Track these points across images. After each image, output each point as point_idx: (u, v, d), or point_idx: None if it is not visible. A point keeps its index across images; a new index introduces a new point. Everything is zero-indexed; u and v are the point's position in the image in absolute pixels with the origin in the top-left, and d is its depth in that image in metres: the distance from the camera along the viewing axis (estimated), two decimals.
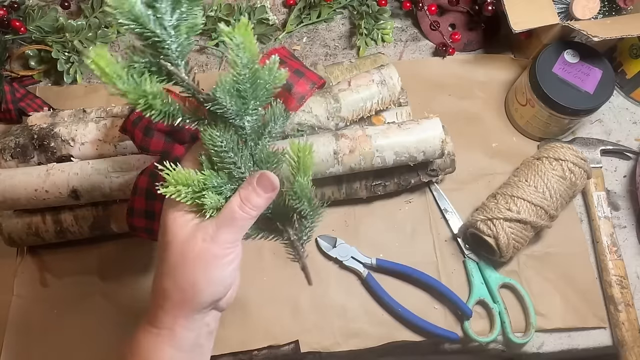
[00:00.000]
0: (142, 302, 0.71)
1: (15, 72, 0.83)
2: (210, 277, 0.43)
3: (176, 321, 0.43)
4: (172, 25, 0.39)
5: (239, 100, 0.42)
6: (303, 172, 0.46)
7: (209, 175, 0.43)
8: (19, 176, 0.64)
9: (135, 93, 0.38)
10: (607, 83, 0.76)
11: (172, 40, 0.39)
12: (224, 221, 0.42)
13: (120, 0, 0.35)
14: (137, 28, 0.37)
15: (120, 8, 0.35)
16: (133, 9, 0.36)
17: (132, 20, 0.37)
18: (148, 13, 0.37)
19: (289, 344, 0.70)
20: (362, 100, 0.71)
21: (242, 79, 0.41)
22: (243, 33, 0.39)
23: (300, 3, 0.89)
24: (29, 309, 0.71)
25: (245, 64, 0.40)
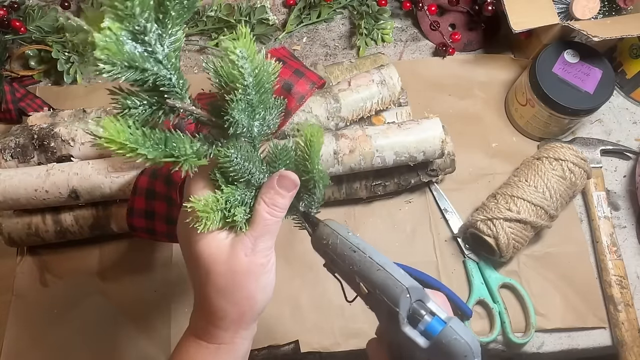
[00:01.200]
0: (142, 302, 0.71)
1: (15, 72, 0.83)
2: (262, 285, 0.44)
3: (236, 334, 0.45)
4: (165, 55, 0.37)
5: (249, 111, 0.42)
6: (316, 156, 0.45)
7: (232, 191, 0.43)
8: (19, 176, 0.64)
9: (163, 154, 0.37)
10: (607, 83, 0.76)
11: (171, 74, 0.37)
12: (258, 230, 0.43)
13: (106, 44, 0.32)
14: (135, 74, 0.35)
15: (110, 52, 0.32)
16: (123, 50, 0.33)
17: (127, 66, 0.34)
18: (140, 51, 0.35)
19: (289, 344, 0.70)
20: (362, 100, 0.71)
21: (250, 90, 0.40)
22: (246, 44, 0.39)
23: (300, 3, 0.89)
24: (29, 309, 0.71)
25: (250, 73, 0.40)
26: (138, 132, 0.36)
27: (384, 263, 0.43)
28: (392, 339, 0.46)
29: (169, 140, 0.38)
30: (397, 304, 0.41)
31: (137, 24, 0.34)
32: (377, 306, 0.44)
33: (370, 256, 0.44)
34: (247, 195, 0.44)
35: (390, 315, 0.42)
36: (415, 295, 0.42)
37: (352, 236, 0.46)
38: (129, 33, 0.34)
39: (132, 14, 0.33)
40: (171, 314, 0.71)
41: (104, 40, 0.32)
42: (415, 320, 0.42)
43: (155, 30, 0.36)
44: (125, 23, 0.34)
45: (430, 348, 0.40)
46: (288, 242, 0.75)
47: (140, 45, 0.35)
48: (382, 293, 0.42)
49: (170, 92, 0.38)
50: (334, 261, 0.47)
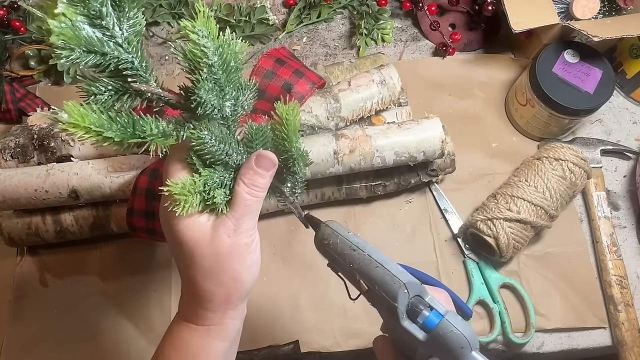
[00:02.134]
0: (142, 302, 0.71)
1: (15, 72, 0.83)
2: (247, 265, 0.44)
3: (225, 315, 0.45)
4: (125, 38, 0.36)
5: (218, 91, 0.42)
6: (294, 134, 0.45)
7: (209, 174, 0.43)
8: (19, 176, 0.64)
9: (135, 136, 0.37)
10: (607, 83, 0.76)
11: (132, 57, 0.37)
12: (239, 211, 0.43)
13: (61, 30, 0.32)
14: (94, 58, 0.35)
15: (66, 37, 0.32)
16: (80, 35, 0.33)
17: (85, 51, 0.34)
18: (98, 35, 0.35)
19: (289, 344, 0.70)
20: (362, 100, 0.71)
21: (216, 69, 0.40)
22: (204, 23, 0.38)
23: (300, 3, 0.89)
24: (29, 309, 0.71)
25: (213, 52, 0.39)
26: (103, 116, 0.36)
27: (382, 260, 0.45)
28: (394, 334, 0.47)
29: (136, 123, 0.38)
30: (395, 299, 0.43)
31: (92, 8, 0.34)
32: (377, 302, 0.45)
33: (369, 254, 0.45)
34: (226, 177, 0.44)
35: (390, 311, 0.44)
36: (413, 290, 0.44)
37: (352, 235, 0.47)
38: (85, 18, 0.34)
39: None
40: (171, 314, 0.71)
41: (59, 26, 0.32)
42: (414, 315, 0.43)
43: (111, 14, 0.35)
44: (80, 8, 0.33)
45: (429, 341, 0.42)
46: (287, 242, 0.75)
47: (98, 30, 0.35)
48: (381, 289, 0.44)
49: (134, 76, 0.38)
50: (335, 260, 0.48)
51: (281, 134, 0.45)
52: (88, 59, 0.34)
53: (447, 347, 0.41)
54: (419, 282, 0.44)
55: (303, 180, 0.49)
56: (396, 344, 0.48)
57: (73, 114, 0.34)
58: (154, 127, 0.39)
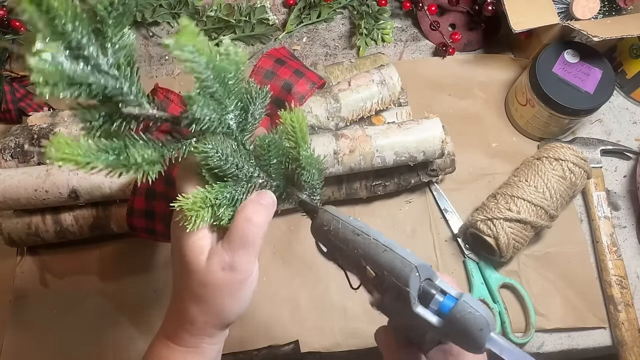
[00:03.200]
0: (142, 302, 0.71)
1: (15, 72, 0.83)
2: (237, 300, 0.43)
3: (203, 340, 0.44)
4: (111, 64, 0.35)
5: (216, 105, 0.40)
6: (303, 141, 0.43)
7: (220, 188, 0.42)
8: (19, 176, 0.64)
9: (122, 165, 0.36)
10: (607, 83, 0.76)
11: (120, 82, 0.35)
12: (236, 242, 0.41)
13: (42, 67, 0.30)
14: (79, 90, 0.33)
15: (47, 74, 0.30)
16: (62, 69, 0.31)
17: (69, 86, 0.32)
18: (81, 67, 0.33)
19: (289, 344, 0.70)
20: (362, 100, 0.71)
21: (209, 83, 0.38)
22: (190, 38, 0.35)
23: (300, 3, 0.89)
24: (29, 309, 0.71)
25: (205, 66, 0.37)
26: (92, 146, 0.35)
27: (390, 244, 0.42)
28: (402, 322, 0.45)
29: (127, 148, 0.37)
30: (407, 283, 0.40)
31: (71, 41, 0.32)
32: (385, 289, 0.43)
33: (375, 238, 0.43)
34: (238, 191, 0.43)
35: (400, 296, 0.41)
36: (424, 273, 0.41)
37: (353, 220, 0.44)
38: (64, 50, 0.32)
39: (63, 31, 0.31)
40: None
41: (39, 63, 0.30)
42: (426, 299, 0.41)
43: (93, 42, 0.34)
44: (59, 42, 0.32)
45: (444, 326, 0.39)
46: (287, 242, 0.75)
47: (81, 61, 0.33)
48: (391, 274, 0.41)
49: (124, 101, 0.36)
50: (336, 247, 0.45)
51: (291, 143, 0.44)
52: (73, 92, 0.33)
53: (465, 331, 0.38)
54: (428, 264, 0.42)
55: (320, 186, 0.48)
56: (401, 331, 0.46)
57: (60, 150, 0.33)
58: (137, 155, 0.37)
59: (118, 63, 0.35)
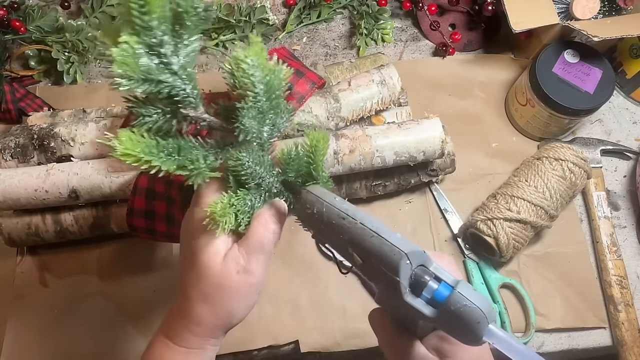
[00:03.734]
0: (142, 302, 0.71)
1: (15, 72, 0.83)
2: (246, 303, 0.45)
3: (207, 342, 0.45)
4: (181, 66, 0.36)
5: (260, 118, 0.42)
6: (321, 162, 0.45)
7: (243, 195, 0.43)
8: (19, 176, 0.64)
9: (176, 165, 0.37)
10: (607, 83, 0.76)
11: (185, 84, 0.37)
12: (252, 246, 0.43)
13: (124, 58, 0.32)
14: (150, 86, 0.35)
15: (128, 66, 0.32)
16: (139, 64, 0.33)
17: (143, 80, 0.34)
18: (155, 63, 0.35)
19: (289, 344, 0.70)
20: (362, 100, 0.71)
21: (260, 97, 0.40)
22: (257, 53, 0.38)
23: (300, 3, 0.89)
24: (29, 309, 0.71)
25: (260, 81, 0.39)
26: (152, 143, 0.36)
27: (378, 228, 0.39)
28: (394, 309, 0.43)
29: (182, 150, 0.38)
30: (396, 272, 0.37)
31: (154, 37, 0.34)
32: (374, 276, 0.40)
33: (362, 222, 0.39)
34: (256, 200, 0.44)
35: (389, 285, 0.38)
36: (416, 260, 0.38)
37: (339, 202, 0.41)
38: (145, 46, 0.34)
39: (149, 26, 0.33)
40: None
41: (122, 54, 0.32)
42: (418, 288, 0.38)
43: (171, 43, 0.35)
44: (142, 36, 0.33)
45: (438, 317, 0.37)
46: (287, 242, 0.75)
47: (156, 58, 0.35)
48: (379, 262, 0.38)
49: (184, 102, 0.38)
50: (322, 232, 0.43)
51: (309, 160, 0.45)
52: (145, 87, 0.34)
53: (461, 324, 0.36)
54: (422, 250, 0.38)
55: None
56: (395, 316, 0.44)
57: (125, 142, 0.34)
58: (201, 159, 0.38)
59: (184, 66, 0.36)
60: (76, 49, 0.82)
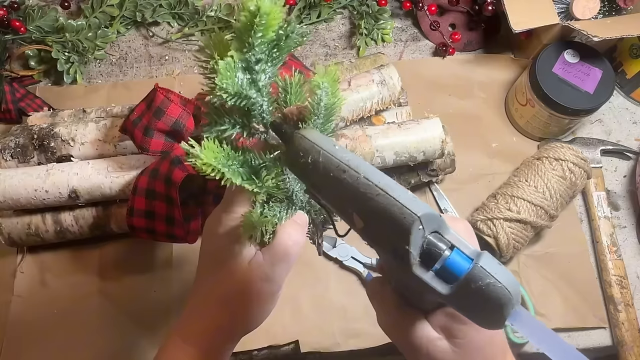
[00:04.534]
0: (142, 301, 0.71)
1: (15, 72, 0.83)
2: (265, 311, 0.45)
3: (226, 346, 0.46)
4: (265, 84, 0.37)
5: None
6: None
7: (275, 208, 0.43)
8: (19, 176, 0.64)
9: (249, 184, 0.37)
10: (607, 83, 0.76)
11: (264, 101, 0.37)
12: (277, 256, 0.43)
13: (227, 71, 0.33)
14: (239, 100, 0.35)
15: (227, 79, 0.33)
16: (236, 80, 0.34)
17: (235, 94, 0.34)
18: (247, 79, 0.35)
19: (289, 344, 0.70)
20: (362, 100, 0.71)
21: (318, 120, 0.40)
22: (331, 80, 0.39)
23: (300, 3, 0.89)
24: (29, 309, 0.71)
25: (324, 105, 0.39)
26: (225, 153, 0.36)
27: (386, 185, 0.32)
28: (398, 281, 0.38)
29: (245, 163, 0.38)
30: (406, 239, 0.31)
31: (255, 55, 0.35)
32: (378, 242, 0.34)
33: (366, 176, 0.33)
34: (284, 213, 0.44)
35: (396, 253, 0.32)
36: (430, 226, 0.32)
37: (340, 150, 0.35)
38: (244, 62, 0.35)
39: (253, 44, 0.34)
40: (171, 314, 0.71)
41: (225, 67, 0.33)
42: (431, 258, 0.32)
43: (265, 61, 0.36)
44: (247, 53, 0.34)
45: (453, 294, 0.31)
46: None
47: (248, 74, 0.36)
48: (385, 225, 0.32)
49: (259, 117, 0.38)
50: (316, 186, 0.37)
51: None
52: (235, 100, 0.35)
53: (481, 304, 0.30)
54: (437, 213, 0.32)
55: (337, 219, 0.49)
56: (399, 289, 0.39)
57: (208, 151, 0.34)
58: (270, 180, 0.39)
59: (269, 83, 0.38)
60: (76, 49, 0.82)
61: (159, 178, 0.61)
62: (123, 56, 0.88)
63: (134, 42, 0.89)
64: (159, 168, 0.62)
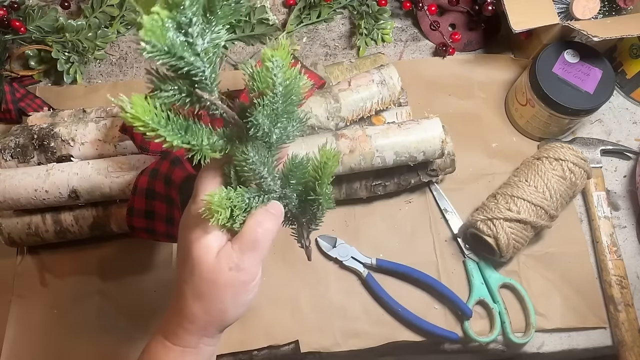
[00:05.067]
0: (142, 302, 0.71)
1: (15, 72, 0.83)
2: (239, 302, 0.44)
3: (201, 340, 0.45)
4: (204, 49, 0.38)
5: (272, 118, 0.43)
6: (327, 178, 0.46)
7: (242, 192, 0.43)
8: (19, 176, 0.64)
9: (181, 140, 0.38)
10: (607, 83, 0.76)
11: (205, 67, 0.39)
12: (245, 244, 0.43)
13: (152, 27, 0.34)
14: (171, 60, 0.36)
15: (154, 35, 0.34)
16: (166, 38, 0.35)
17: (165, 52, 0.35)
18: (181, 40, 0.37)
19: (289, 344, 0.70)
20: (362, 100, 0.71)
21: (277, 98, 0.42)
22: (283, 55, 0.40)
23: (300, 3, 0.89)
24: (29, 309, 0.71)
25: (280, 83, 0.41)
26: (163, 115, 0.37)
27: None
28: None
29: (189, 129, 0.40)
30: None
31: (185, 16, 0.36)
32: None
33: None
34: (254, 200, 0.44)
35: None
36: None
37: None
38: (174, 22, 0.36)
39: (182, 5, 0.35)
40: None
41: (151, 23, 0.34)
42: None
43: (199, 25, 0.37)
44: (174, 12, 0.35)
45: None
46: (287, 242, 0.75)
47: (183, 35, 0.37)
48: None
49: (201, 83, 0.39)
50: None
51: (315, 174, 0.46)
52: (166, 59, 0.36)
53: None
54: None
55: (321, 219, 0.50)
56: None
57: (137, 106, 0.35)
58: (205, 138, 0.40)
59: (208, 50, 0.39)
60: (76, 49, 0.82)
61: (159, 178, 0.61)
62: (123, 56, 0.88)
63: (134, 42, 0.89)
64: (159, 168, 0.62)
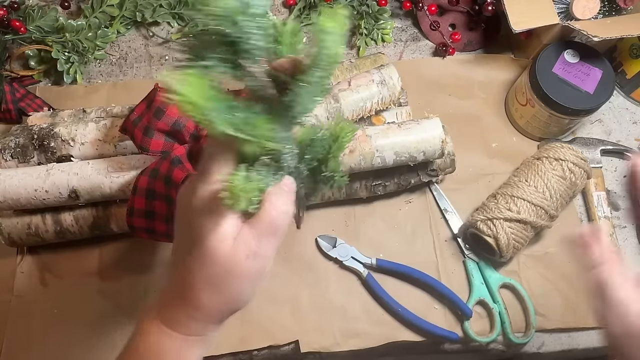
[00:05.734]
0: (142, 301, 0.71)
1: (15, 72, 0.83)
2: (250, 290, 0.42)
3: (207, 328, 0.43)
4: (260, 14, 0.34)
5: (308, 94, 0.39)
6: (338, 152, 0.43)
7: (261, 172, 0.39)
8: (19, 176, 0.64)
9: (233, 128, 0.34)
10: (607, 83, 0.76)
11: (258, 32, 0.34)
12: (266, 231, 0.40)
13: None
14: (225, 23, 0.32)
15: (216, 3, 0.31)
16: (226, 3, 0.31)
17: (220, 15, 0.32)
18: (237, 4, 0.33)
19: (289, 344, 0.70)
20: (362, 100, 0.71)
21: (317, 73, 0.37)
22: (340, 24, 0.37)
23: (300, 3, 0.89)
24: (29, 309, 0.71)
25: (327, 54, 0.37)
26: (212, 92, 0.33)
27: None
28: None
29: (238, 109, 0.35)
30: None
31: None
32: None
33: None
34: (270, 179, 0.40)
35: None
36: None
37: None
38: None
39: None
40: None
41: None
42: None
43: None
44: None
45: None
46: (287, 242, 0.75)
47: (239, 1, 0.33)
48: None
49: (249, 53, 0.35)
50: None
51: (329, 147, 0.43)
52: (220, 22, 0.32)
53: None
54: None
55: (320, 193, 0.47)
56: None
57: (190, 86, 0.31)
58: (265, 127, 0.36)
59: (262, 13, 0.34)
60: (76, 49, 0.82)
61: (159, 178, 0.61)
62: (123, 56, 0.88)
63: (134, 42, 0.89)
64: (159, 168, 0.62)
